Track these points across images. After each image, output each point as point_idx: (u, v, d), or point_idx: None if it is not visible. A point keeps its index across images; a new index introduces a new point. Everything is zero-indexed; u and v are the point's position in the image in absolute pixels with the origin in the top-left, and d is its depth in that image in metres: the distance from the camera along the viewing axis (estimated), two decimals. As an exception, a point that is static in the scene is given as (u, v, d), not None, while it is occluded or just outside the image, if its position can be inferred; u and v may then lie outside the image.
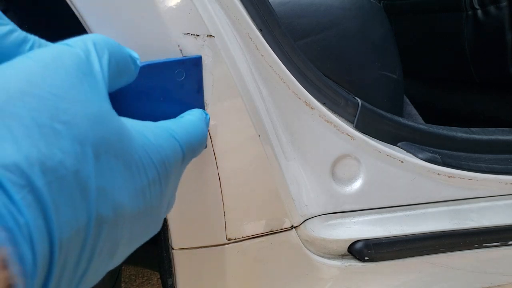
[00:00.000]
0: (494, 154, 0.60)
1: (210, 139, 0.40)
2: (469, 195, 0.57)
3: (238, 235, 0.45)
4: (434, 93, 1.12)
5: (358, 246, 0.52)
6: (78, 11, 0.35)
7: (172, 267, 0.47)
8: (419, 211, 0.55)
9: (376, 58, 0.64)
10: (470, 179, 0.55)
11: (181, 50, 0.37)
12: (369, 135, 0.51)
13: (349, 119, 0.50)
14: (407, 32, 1.11)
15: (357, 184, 0.52)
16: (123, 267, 1.04)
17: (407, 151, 0.53)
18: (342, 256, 0.53)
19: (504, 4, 0.86)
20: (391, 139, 0.53)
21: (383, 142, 0.52)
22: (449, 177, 0.54)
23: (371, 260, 0.52)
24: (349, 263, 0.52)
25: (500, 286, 0.61)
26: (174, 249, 0.44)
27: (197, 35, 0.38)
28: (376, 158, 0.51)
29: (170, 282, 0.50)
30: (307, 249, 0.50)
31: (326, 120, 0.48)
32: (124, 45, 0.27)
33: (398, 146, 0.54)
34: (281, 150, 0.47)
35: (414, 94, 1.05)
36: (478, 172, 0.55)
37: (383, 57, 0.66)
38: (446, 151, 0.57)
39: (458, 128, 0.59)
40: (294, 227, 0.49)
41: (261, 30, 0.43)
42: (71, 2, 0.35)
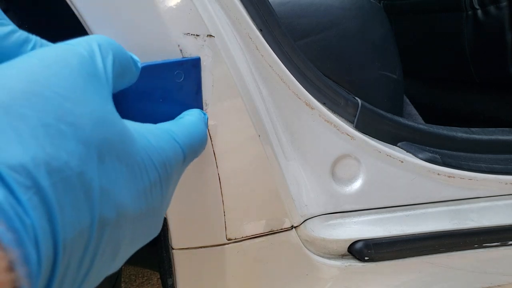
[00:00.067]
0: (494, 154, 0.60)
1: (210, 139, 0.40)
2: (469, 195, 0.57)
3: (238, 235, 0.45)
4: (434, 93, 1.12)
5: (358, 246, 0.52)
6: (78, 11, 0.35)
7: (172, 267, 0.47)
8: (419, 211, 0.55)
9: (376, 58, 0.64)
10: (470, 179, 0.55)
11: (181, 50, 0.37)
12: (369, 135, 0.51)
13: (349, 119, 0.50)
14: (407, 32, 1.11)
15: (357, 184, 0.52)
16: (123, 267, 1.04)
17: (407, 151, 0.53)
18: (342, 256, 0.53)
19: (504, 4, 0.86)
20: (391, 139, 0.53)
21: (383, 142, 0.52)
22: (449, 177, 0.54)
23: (371, 260, 0.52)
24: (349, 263, 0.52)
25: (500, 286, 0.61)
26: (174, 249, 0.44)
27: (197, 35, 0.38)
28: (376, 158, 0.51)
29: (170, 282, 0.50)
30: (307, 249, 0.50)
31: (326, 120, 0.48)
32: (124, 45, 0.27)
33: (398, 146, 0.54)
34: (281, 150, 0.47)
35: (414, 94, 1.05)
36: (478, 172, 0.55)
37: (383, 57, 0.66)
38: (446, 151, 0.57)
39: (458, 128, 0.59)
40: (294, 227, 0.49)
41: (261, 30, 0.43)
42: (71, 2, 0.35)
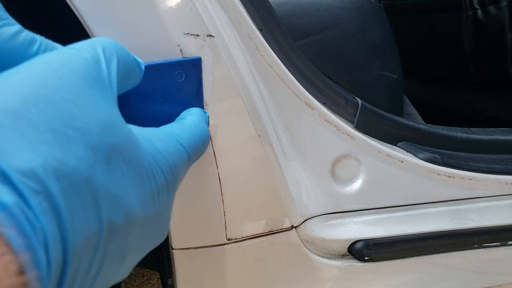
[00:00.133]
0: (494, 154, 0.60)
1: (210, 139, 0.40)
2: (469, 195, 0.56)
3: (238, 235, 0.45)
4: (434, 93, 1.12)
5: (358, 246, 0.52)
6: (78, 11, 0.35)
7: (172, 267, 0.47)
8: (419, 211, 0.55)
9: (376, 58, 0.64)
10: (470, 179, 0.55)
11: (181, 50, 0.37)
12: (369, 135, 0.51)
13: (349, 119, 0.50)
14: (407, 32, 1.11)
15: (357, 184, 0.52)
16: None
17: (407, 151, 0.53)
18: (342, 256, 0.53)
19: (504, 4, 0.86)
20: (391, 139, 0.53)
21: (383, 142, 0.52)
22: (449, 177, 0.54)
23: (371, 260, 0.52)
24: (349, 263, 0.52)
25: (500, 286, 0.61)
26: (174, 249, 0.44)
27: (197, 35, 0.38)
28: (376, 158, 0.51)
29: (170, 282, 0.50)
30: (307, 249, 0.50)
31: (326, 120, 0.48)
32: (124, 45, 0.27)
33: (398, 146, 0.53)
34: (281, 150, 0.47)
35: (414, 94, 1.05)
36: (478, 172, 0.55)
37: (383, 57, 0.66)
38: (446, 151, 0.57)
39: (458, 128, 0.59)
40: (294, 227, 0.49)
41: (261, 30, 0.43)
42: (71, 2, 0.35)
